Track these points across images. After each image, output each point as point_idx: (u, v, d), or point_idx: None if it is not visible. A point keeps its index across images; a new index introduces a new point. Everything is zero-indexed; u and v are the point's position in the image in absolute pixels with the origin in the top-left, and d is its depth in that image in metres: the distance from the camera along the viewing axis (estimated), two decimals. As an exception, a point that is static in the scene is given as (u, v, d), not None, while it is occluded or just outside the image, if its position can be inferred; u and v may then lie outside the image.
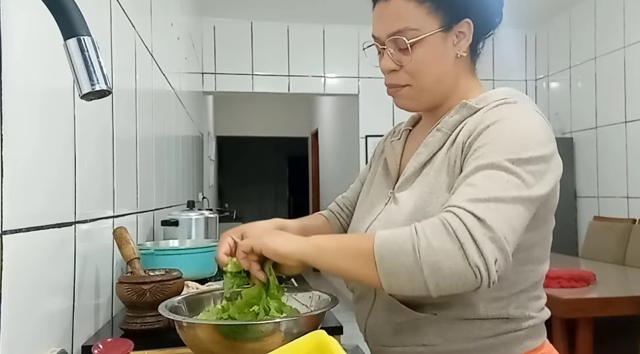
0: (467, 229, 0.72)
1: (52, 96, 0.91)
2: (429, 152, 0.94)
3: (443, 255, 0.72)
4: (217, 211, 3.27)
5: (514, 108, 0.89)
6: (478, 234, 0.72)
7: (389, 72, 0.97)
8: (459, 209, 0.75)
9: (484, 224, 0.73)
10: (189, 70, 3.56)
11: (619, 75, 4.08)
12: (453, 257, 0.72)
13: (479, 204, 0.75)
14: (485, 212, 0.74)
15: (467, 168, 0.82)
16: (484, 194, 0.76)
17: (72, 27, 0.59)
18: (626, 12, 4.02)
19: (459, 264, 0.72)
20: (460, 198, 0.77)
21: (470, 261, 0.71)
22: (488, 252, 0.72)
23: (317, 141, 8.09)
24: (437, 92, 0.97)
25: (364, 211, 1.04)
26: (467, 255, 0.71)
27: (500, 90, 0.95)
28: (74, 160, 1.00)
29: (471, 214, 0.74)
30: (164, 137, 2.27)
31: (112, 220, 1.30)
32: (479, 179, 0.79)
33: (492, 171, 0.79)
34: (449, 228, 0.73)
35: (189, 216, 1.97)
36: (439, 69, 0.95)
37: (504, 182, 0.78)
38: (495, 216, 0.74)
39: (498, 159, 0.80)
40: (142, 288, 1.07)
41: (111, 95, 0.90)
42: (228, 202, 8.79)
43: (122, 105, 1.42)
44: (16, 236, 0.74)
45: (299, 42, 4.87)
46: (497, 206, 0.75)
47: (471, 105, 0.93)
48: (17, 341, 0.75)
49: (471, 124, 0.89)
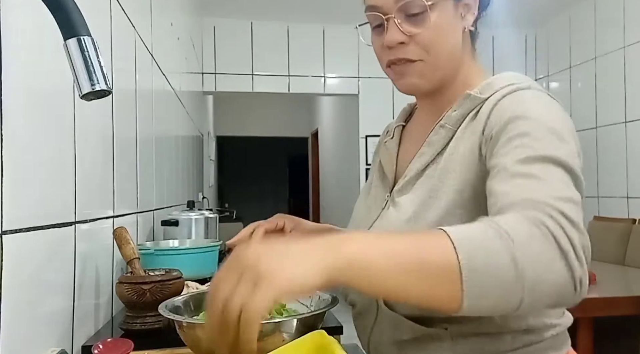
0: (565, 234, 0.59)
1: (52, 96, 0.91)
2: (433, 152, 0.86)
3: (546, 267, 0.57)
4: (217, 211, 3.27)
5: (535, 95, 0.79)
6: (576, 240, 0.60)
7: (395, 46, 0.84)
8: (547, 206, 0.61)
9: (577, 227, 0.61)
10: (189, 70, 3.56)
11: (619, 75, 4.08)
12: (557, 270, 0.58)
13: (565, 203, 0.62)
14: (573, 213, 0.61)
15: (511, 156, 0.69)
16: (562, 194, 0.64)
17: (72, 27, 0.59)
18: (626, 12, 4.02)
19: (563, 277, 0.58)
20: (533, 194, 0.63)
21: (575, 273, 0.58)
22: (584, 261, 0.60)
23: (317, 141, 8.09)
24: (448, 70, 0.87)
25: (360, 217, 0.97)
26: (571, 265, 0.58)
27: (505, 75, 0.85)
28: (74, 160, 1.00)
29: (563, 215, 0.60)
30: (164, 137, 2.27)
31: (112, 220, 1.30)
32: (542, 173, 0.66)
33: (549, 165, 0.67)
34: (545, 231, 0.59)
35: (189, 216, 1.97)
36: (452, 40, 0.85)
37: (566, 180, 0.67)
38: (579, 217, 0.62)
39: (552, 152, 0.68)
40: (142, 288, 1.06)
41: (111, 95, 0.90)
42: (228, 202, 8.79)
43: (122, 105, 1.42)
44: (16, 236, 0.74)
45: (299, 42, 4.87)
46: (577, 208, 0.63)
47: (475, 95, 0.83)
48: (17, 341, 0.75)
49: (484, 115, 0.80)
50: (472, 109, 0.83)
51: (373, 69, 0.93)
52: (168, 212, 2.06)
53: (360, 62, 4.82)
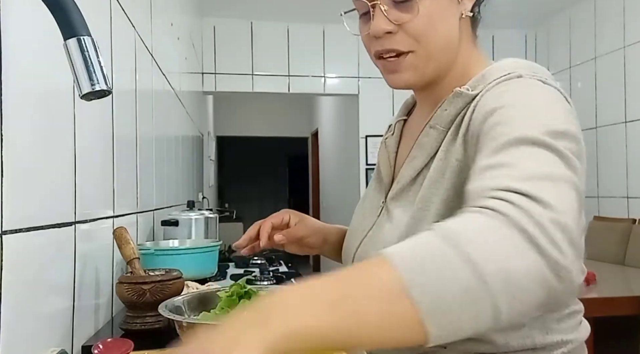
0: (527, 215, 0.48)
1: (52, 96, 0.91)
2: (424, 156, 0.78)
3: (509, 258, 0.47)
4: (217, 211, 3.26)
5: (523, 82, 0.70)
6: (544, 219, 0.48)
7: (382, 36, 0.77)
8: (500, 191, 0.52)
9: (547, 205, 0.49)
10: (189, 70, 3.56)
11: (619, 75, 4.08)
12: (525, 258, 0.47)
13: (526, 182, 0.52)
14: (542, 191, 0.51)
15: (485, 151, 0.61)
16: (529, 172, 0.54)
17: (72, 27, 0.59)
18: (626, 12, 4.02)
19: (535, 265, 0.47)
20: (495, 182, 0.54)
21: (550, 257, 0.47)
22: (561, 242, 0.48)
23: (317, 141, 8.08)
24: (442, 61, 0.79)
25: (356, 224, 0.92)
26: (543, 249, 0.47)
27: (502, 65, 0.77)
28: (74, 160, 1.00)
29: (525, 195, 0.50)
30: (164, 137, 2.27)
31: (112, 220, 1.30)
32: (511, 157, 0.57)
33: (526, 147, 0.57)
34: (500, 218, 0.49)
35: (189, 216, 1.97)
36: (446, 28, 0.77)
37: (547, 159, 0.56)
38: (553, 194, 0.51)
39: (528, 132, 0.58)
40: (142, 288, 1.06)
41: (111, 95, 0.90)
42: (228, 202, 8.79)
43: (122, 105, 1.42)
44: (16, 236, 0.74)
45: (299, 42, 4.87)
46: (553, 185, 0.52)
47: (465, 93, 0.75)
48: (17, 341, 0.75)
49: (471, 113, 0.73)
50: (464, 108, 0.75)
51: (373, 69, 0.88)
52: (168, 212, 2.06)
53: (360, 62, 4.82)
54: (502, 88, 0.70)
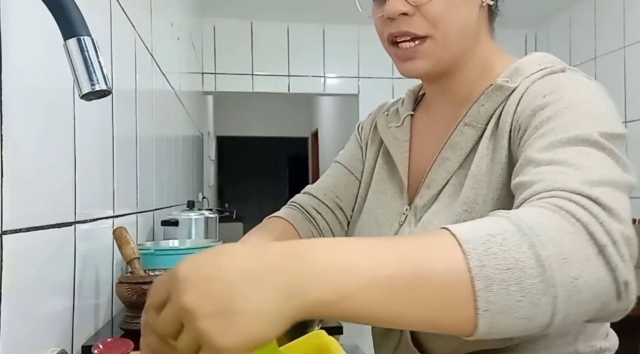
0: (601, 225, 0.47)
1: (52, 96, 0.91)
2: (459, 156, 0.73)
3: (580, 267, 0.44)
4: (217, 211, 3.27)
5: (570, 76, 0.68)
6: (615, 232, 0.47)
7: (397, 18, 0.72)
8: (569, 193, 0.49)
9: (615, 216, 0.48)
10: (189, 71, 3.56)
11: (619, 75, 4.08)
12: (594, 270, 0.45)
13: (600, 188, 0.50)
14: (612, 199, 0.49)
15: (538, 145, 0.59)
16: (594, 175, 0.52)
17: (72, 27, 0.59)
18: (626, 12, 4.02)
19: (602, 279, 0.45)
20: (561, 180, 0.51)
21: (618, 273, 0.46)
22: (628, 258, 0.47)
23: (317, 141, 8.09)
24: (459, 49, 0.75)
25: (367, 231, 0.81)
26: (612, 263, 0.45)
27: (534, 58, 0.74)
28: (74, 160, 1.00)
29: (597, 202, 0.48)
30: (164, 137, 2.27)
31: (112, 220, 1.30)
32: (572, 156, 0.55)
33: (584, 147, 0.56)
34: (575, 223, 0.46)
35: (189, 216, 1.97)
36: (465, 14, 0.73)
37: (603, 161, 0.55)
38: (619, 203, 0.50)
39: (585, 131, 0.57)
40: (142, 288, 1.06)
41: (111, 95, 0.90)
42: (228, 202, 8.79)
43: (122, 105, 1.42)
44: (16, 236, 0.74)
45: (299, 42, 4.87)
46: (616, 191, 0.51)
47: (507, 85, 0.71)
48: (17, 341, 0.75)
49: (512, 106, 0.69)
50: (503, 101, 0.71)
51: (373, 69, 0.85)
52: (168, 212, 2.06)
53: (360, 62, 4.81)
54: (551, 81, 0.67)
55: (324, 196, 0.88)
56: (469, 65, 0.77)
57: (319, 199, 0.88)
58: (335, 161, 0.96)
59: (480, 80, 0.76)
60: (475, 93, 0.75)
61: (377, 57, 5.18)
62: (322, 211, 0.88)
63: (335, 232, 0.89)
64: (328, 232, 0.88)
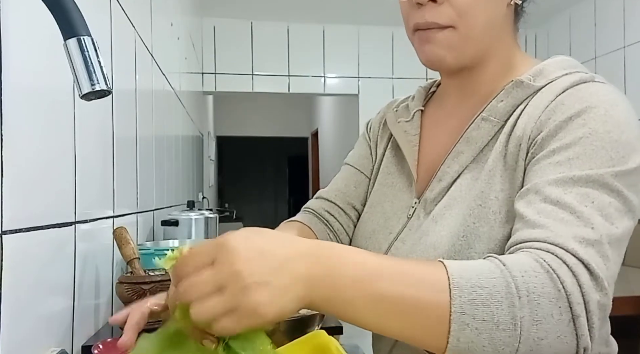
0: (582, 296, 0.52)
1: (52, 96, 0.91)
2: (473, 150, 0.72)
3: (549, 331, 0.51)
4: (217, 211, 3.27)
5: (599, 91, 0.66)
6: (593, 303, 0.52)
7: (426, 4, 0.71)
8: (568, 255, 0.54)
9: (599, 285, 0.53)
10: (189, 71, 3.56)
11: (619, 76, 4.08)
12: (561, 335, 0.51)
13: (590, 249, 0.55)
14: (599, 264, 0.55)
15: (548, 172, 0.61)
16: (594, 234, 0.56)
17: (72, 27, 0.59)
18: (626, 12, 4.02)
19: (566, 342, 0.52)
20: (557, 230, 0.56)
21: (581, 342, 0.52)
22: (597, 326, 0.53)
23: (317, 141, 8.09)
24: (482, 44, 0.74)
25: (375, 223, 0.81)
26: (579, 332, 0.52)
27: (558, 60, 0.74)
28: (74, 160, 1.00)
29: (587, 268, 0.54)
30: (164, 137, 2.27)
31: (112, 220, 1.30)
32: (576, 200, 0.58)
33: (590, 190, 0.59)
34: (560, 289, 0.52)
35: (189, 216, 1.97)
36: (492, 9, 0.72)
37: (608, 206, 0.59)
38: (606, 268, 0.56)
39: (596, 171, 0.59)
40: (142, 288, 1.06)
41: (111, 95, 0.90)
42: (228, 202, 8.79)
43: (122, 105, 1.42)
44: (16, 236, 0.74)
45: (299, 42, 4.87)
46: (608, 250, 0.57)
47: (528, 83, 0.71)
48: (17, 341, 0.75)
49: (537, 110, 0.68)
50: (524, 99, 0.71)
51: (373, 69, 0.85)
52: (168, 212, 2.06)
53: (360, 62, 4.81)
54: (581, 95, 0.66)
55: (335, 198, 0.90)
56: (492, 63, 0.76)
57: (331, 202, 0.90)
58: (344, 163, 0.97)
59: (502, 79, 0.76)
60: (496, 91, 0.75)
61: (377, 57, 5.20)
62: (334, 213, 0.90)
63: (349, 233, 0.91)
64: (343, 233, 0.90)
